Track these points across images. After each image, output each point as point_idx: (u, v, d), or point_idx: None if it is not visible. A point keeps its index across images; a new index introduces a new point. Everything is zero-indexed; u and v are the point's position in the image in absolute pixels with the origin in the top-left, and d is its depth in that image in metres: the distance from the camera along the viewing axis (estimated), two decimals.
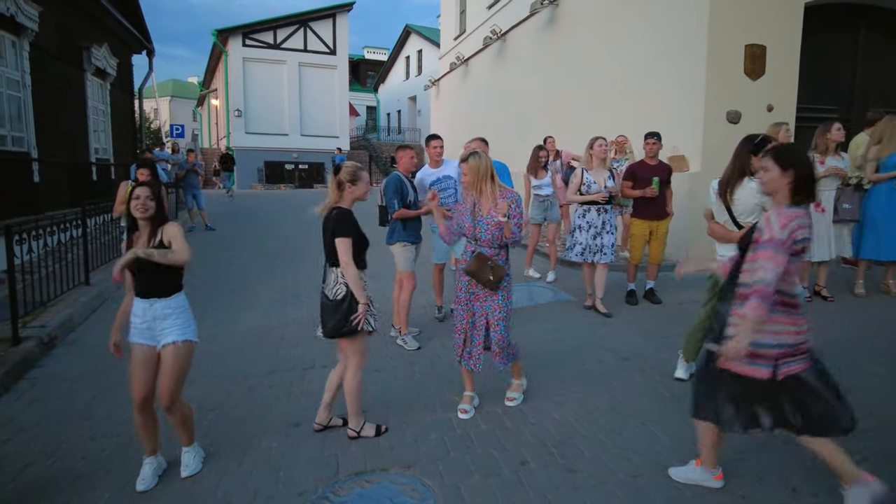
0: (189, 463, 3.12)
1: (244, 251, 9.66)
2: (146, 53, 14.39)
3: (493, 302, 3.59)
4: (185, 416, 3.09)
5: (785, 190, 2.47)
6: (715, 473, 2.85)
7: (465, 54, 16.07)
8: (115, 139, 12.29)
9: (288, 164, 26.37)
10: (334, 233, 3.22)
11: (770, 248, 2.35)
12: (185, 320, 3.00)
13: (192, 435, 3.16)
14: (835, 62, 8.29)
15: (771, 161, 2.50)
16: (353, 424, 3.43)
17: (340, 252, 3.19)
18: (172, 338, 2.92)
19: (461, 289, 3.68)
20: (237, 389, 4.22)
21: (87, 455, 3.33)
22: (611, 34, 9.16)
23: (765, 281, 2.33)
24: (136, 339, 2.95)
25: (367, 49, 41.79)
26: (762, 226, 2.42)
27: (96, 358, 4.83)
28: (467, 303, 3.65)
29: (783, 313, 2.43)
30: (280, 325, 5.72)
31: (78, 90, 10.42)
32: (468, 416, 3.65)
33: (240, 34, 25.36)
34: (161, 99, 36.96)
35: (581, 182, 5.62)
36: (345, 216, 3.26)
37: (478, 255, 3.53)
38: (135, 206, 2.87)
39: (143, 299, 2.93)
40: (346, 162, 3.39)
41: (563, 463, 3.11)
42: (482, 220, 3.54)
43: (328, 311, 3.28)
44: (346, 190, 3.29)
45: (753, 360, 2.45)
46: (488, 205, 3.52)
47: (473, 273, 3.53)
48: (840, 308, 5.58)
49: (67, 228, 6.27)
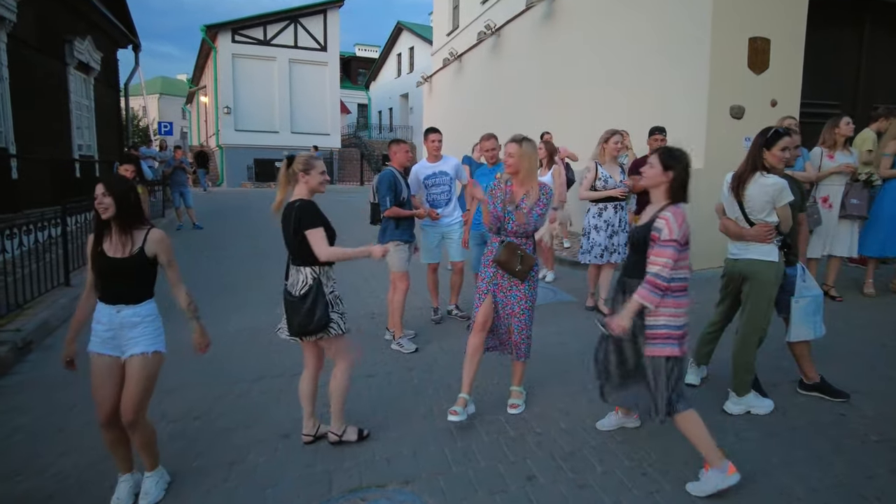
0: (150, 490, 2.77)
1: (233, 251, 9.39)
2: (132, 48, 14.04)
3: (520, 292, 3.48)
4: (149, 437, 2.78)
5: (663, 187, 2.80)
6: (726, 468, 2.68)
7: (459, 50, 15.84)
8: (99, 136, 11.95)
9: (278, 162, 25.98)
10: (300, 226, 2.99)
11: (670, 248, 2.67)
12: (155, 329, 2.74)
13: (156, 458, 2.84)
14: (839, 57, 8.15)
15: (656, 159, 2.83)
16: (334, 427, 3.25)
17: (316, 244, 2.97)
18: (141, 349, 2.65)
19: (484, 279, 3.54)
20: (224, 396, 3.99)
21: (60, 471, 3.09)
22: (610, 28, 8.97)
23: (661, 276, 2.67)
24: (97, 349, 2.67)
25: (358, 46, 41.47)
26: (661, 226, 2.70)
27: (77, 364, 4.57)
28: (487, 292, 3.51)
29: (684, 297, 2.78)
30: (269, 328, 5.43)
31: (60, 84, 10.08)
32: (458, 418, 3.34)
33: (229, 30, 25.01)
34: (149, 96, 36.46)
35: (596, 177, 5.35)
36: (309, 206, 3.05)
37: (508, 244, 3.43)
38: (96, 206, 2.61)
39: (109, 305, 2.66)
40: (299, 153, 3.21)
41: (573, 478, 2.90)
42: (511, 212, 3.44)
43: (292, 308, 3.05)
44: (301, 180, 3.09)
45: (665, 341, 2.74)
46: (520, 195, 3.44)
47: (504, 263, 3.41)
48: (849, 308, 5.41)
49: (46, 227, 6.00)
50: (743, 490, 2.73)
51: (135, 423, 2.66)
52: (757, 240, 3.35)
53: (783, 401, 3.60)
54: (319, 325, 3.01)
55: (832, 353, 3.95)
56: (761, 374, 3.61)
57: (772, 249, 3.35)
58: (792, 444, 3.14)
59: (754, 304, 3.41)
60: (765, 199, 3.30)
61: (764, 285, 3.37)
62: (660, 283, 2.67)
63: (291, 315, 3.07)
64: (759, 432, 3.27)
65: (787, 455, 3.03)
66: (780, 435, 3.24)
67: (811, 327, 3.51)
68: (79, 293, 6.16)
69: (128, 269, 2.64)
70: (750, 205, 3.39)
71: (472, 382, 3.53)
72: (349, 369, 3.23)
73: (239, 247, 9.66)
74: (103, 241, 2.65)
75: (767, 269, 3.35)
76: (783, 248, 3.39)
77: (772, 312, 3.48)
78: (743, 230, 3.42)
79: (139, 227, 2.69)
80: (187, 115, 39.44)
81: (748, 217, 3.40)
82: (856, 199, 5.55)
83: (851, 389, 3.68)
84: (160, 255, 2.71)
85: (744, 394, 3.49)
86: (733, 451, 3.07)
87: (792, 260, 3.51)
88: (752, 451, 3.07)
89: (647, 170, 2.88)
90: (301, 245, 3.01)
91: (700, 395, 3.77)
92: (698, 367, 3.94)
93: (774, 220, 3.31)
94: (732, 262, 3.55)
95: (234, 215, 13.90)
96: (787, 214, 3.30)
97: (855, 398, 3.62)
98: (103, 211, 2.59)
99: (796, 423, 3.36)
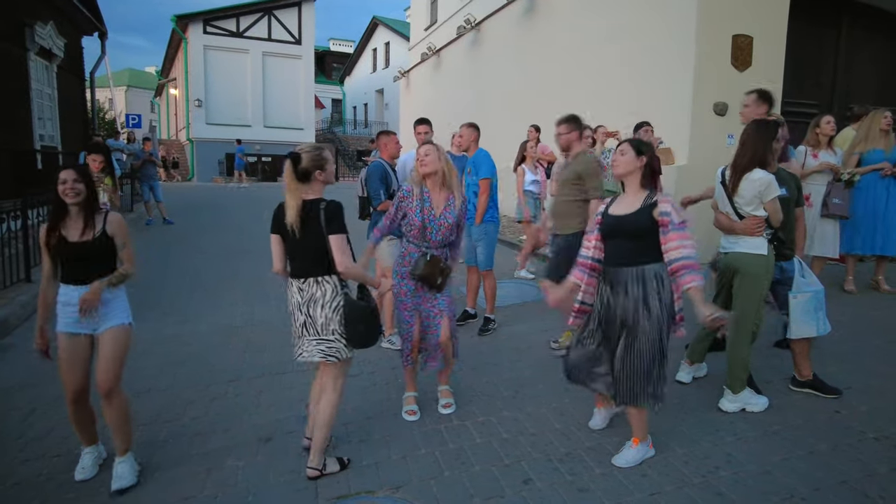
0: (124, 474, 2.78)
1: (205, 247, 9.05)
2: (98, 36, 13.48)
3: (443, 298, 3.43)
4: (124, 407, 2.86)
5: (638, 174, 2.86)
6: (649, 442, 2.97)
7: (437, 45, 15.67)
8: (63, 126, 11.42)
9: (251, 157, 25.45)
10: (328, 229, 2.70)
11: (686, 230, 2.69)
12: (123, 304, 2.92)
13: (129, 440, 2.87)
14: (818, 57, 8.23)
15: (628, 146, 2.89)
16: (315, 462, 2.82)
17: (341, 252, 2.70)
18: (118, 321, 2.84)
19: (405, 294, 3.41)
20: (198, 398, 3.77)
21: (20, 481, 2.85)
22: (592, 23, 8.91)
23: (693, 256, 2.65)
24: (67, 328, 2.80)
25: (332, 41, 40.87)
26: (669, 210, 2.70)
27: (36, 366, 4.26)
28: (415, 308, 3.42)
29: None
30: (245, 327, 5.25)
31: (20, 71, 9.59)
32: (416, 417, 3.42)
33: (200, 21, 24.31)
34: (117, 88, 35.31)
35: None
36: (340, 210, 2.78)
37: (432, 258, 3.34)
38: (63, 191, 2.72)
39: (78, 286, 2.78)
40: (302, 146, 2.84)
41: (571, 480, 2.79)
42: (434, 220, 3.32)
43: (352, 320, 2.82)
44: (318, 178, 2.78)
45: (679, 324, 2.82)
46: (443, 202, 3.35)
47: (426, 277, 3.30)
48: (832, 305, 5.30)
49: (5, 220, 5.66)
50: (747, 489, 2.66)
51: (111, 391, 2.77)
52: (746, 233, 3.31)
53: (777, 398, 3.54)
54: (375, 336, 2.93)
55: (820, 350, 3.92)
56: (753, 371, 3.55)
57: (761, 243, 3.30)
58: (791, 442, 3.08)
59: (744, 297, 3.36)
60: (752, 194, 3.25)
61: (753, 278, 3.32)
62: (697, 262, 2.65)
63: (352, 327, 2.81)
64: (758, 431, 3.20)
65: (787, 453, 2.96)
66: (778, 433, 3.17)
67: (813, 324, 3.46)
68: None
69: (94, 251, 2.78)
70: (740, 198, 3.33)
71: (415, 380, 3.60)
72: (338, 401, 2.89)
73: (212, 243, 9.32)
74: (61, 228, 2.77)
75: (756, 263, 3.30)
76: (773, 241, 3.34)
77: (763, 306, 3.43)
78: (734, 223, 3.37)
79: (99, 212, 2.86)
80: (156, 108, 38.37)
81: (738, 211, 3.34)
82: (838, 199, 5.57)
83: (843, 386, 3.65)
84: (117, 237, 2.85)
85: (739, 391, 3.43)
86: (733, 450, 3.01)
87: (787, 254, 3.46)
88: (753, 451, 3.00)
89: (618, 157, 2.89)
90: (323, 251, 2.73)
91: (695, 393, 3.70)
92: (691, 365, 3.86)
93: (763, 213, 3.26)
94: (724, 256, 3.50)
95: (206, 211, 13.46)
96: (775, 208, 3.25)
97: (847, 395, 3.59)
98: (73, 196, 2.72)
99: (793, 421, 3.31)
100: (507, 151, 7.84)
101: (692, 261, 2.62)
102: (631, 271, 2.81)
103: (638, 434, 2.93)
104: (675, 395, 3.68)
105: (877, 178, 5.68)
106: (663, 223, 2.70)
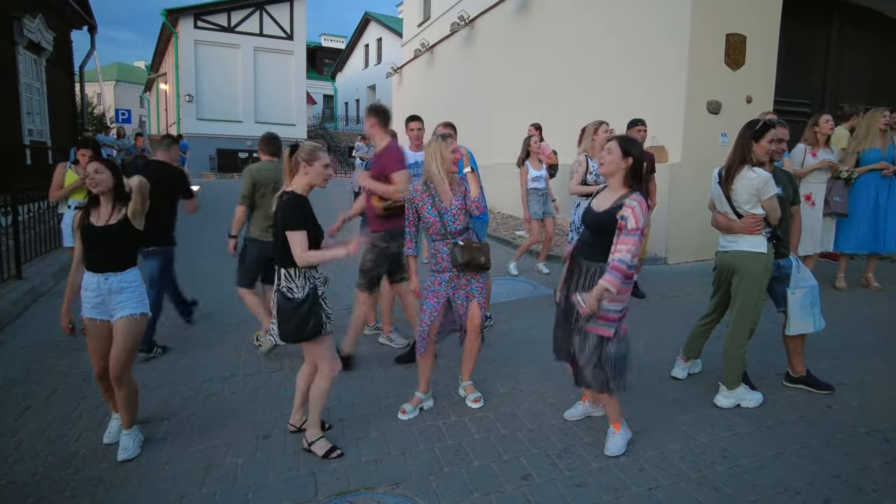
0: (128, 446, 3.00)
1: (199, 241, 8.99)
2: (87, 30, 13.35)
3: (475, 283, 3.44)
4: (132, 391, 3.03)
5: (622, 174, 2.87)
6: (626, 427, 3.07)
7: (431, 41, 15.62)
8: (52, 120, 11.32)
9: (242, 153, 25.29)
10: (283, 225, 2.81)
11: (635, 237, 2.73)
12: (140, 294, 3.03)
13: (133, 417, 3.06)
14: (809, 56, 8.30)
15: (615, 145, 2.89)
16: (309, 434, 3.04)
17: (294, 246, 2.78)
18: (129, 311, 2.94)
19: (440, 283, 3.39)
20: (194, 396, 3.76)
21: (13, 480, 2.82)
22: (587, 21, 8.92)
23: (625, 262, 2.73)
24: (88, 314, 2.97)
25: (324, 36, 40.66)
26: (628, 215, 2.73)
27: (28, 363, 4.25)
28: (445, 295, 3.40)
29: (627, 283, 2.81)
30: (240, 324, 5.23)
31: (8, 65, 9.47)
32: (407, 417, 3.39)
33: (191, 15, 24.12)
34: (106, 83, 35.02)
35: (587, 171, 5.18)
36: (296, 203, 2.83)
37: (466, 243, 3.33)
38: (89, 184, 2.90)
39: (96, 273, 2.93)
40: (304, 141, 3.00)
41: (569, 475, 2.80)
42: (448, 211, 3.35)
43: (286, 313, 2.84)
44: (302, 170, 2.88)
45: (605, 322, 2.84)
46: (449, 194, 3.37)
47: (469, 263, 3.30)
48: (824, 302, 5.39)
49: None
50: (742, 483, 2.70)
51: (120, 377, 2.92)
52: (745, 231, 3.34)
53: (771, 394, 3.59)
54: (313, 332, 2.87)
55: (812, 346, 3.97)
56: (747, 368, 3.58)
57: (761, 241, 3.33)
58: (785, 437, 3.12)
59: (744, 295, 3.39)
60: (749, 192, 3.28)
61: (753, 276, 3.35)
62: (625, 269, 2.74)
63: (284, 321, 2.85)
64: (753, 426, 3.23)
65: (782, 448, 3.00)
66: (772, 428, 3.21)
67: (810, 320, 3.50)
68: (32, 286, 5.81)
69: (114, 235, 2.91)
70: (736, 198, 3.36)
71: (428, 381, 3.52)
72: (331, 376, 3.00)
73: (204, 238, 9.26)
74: (91, 216, 2.95)
75: (756, 261, 3.33)
76: (772, 239, 3.37)
77: (762, 304, 3.46)
78: (732, 222, 3.40)
79: (126, 201, 2.98)
80: (146, 103, 38.02)
81: (736, 210, 3.37)
82: (838, 197, 5.64)
83: (836, 382, 3.70)
84: (135, 194, 2.96)
85: (734, 387, 3.47)
86: (729, 445, 3.04)
87: (784, 252, 3.50)
88: (748, 446, 3.03)
89: (605, 156, 2.92)
90: (284, 243, 2.82)
91: (690, 389, 3.74)
92: (686, 361, 3.90)
93: (761, 211, 3.29)
94: (722, 255, 3.53)
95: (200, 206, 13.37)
96: (772, 206, 3.28)
97: (840, 390, 3.64)
98: (95, 186, 2.88)
99: (787, 416, 3.35)
100: (500, 148, 7.84)
101: (622, 265, 2.72)
102: (587, 264, 2.95)
103: (614, 419, 3.02)
104: (670, 391, 3.73)
105: (871, 178, 5.74)
106: (620, 226, 2.77)
